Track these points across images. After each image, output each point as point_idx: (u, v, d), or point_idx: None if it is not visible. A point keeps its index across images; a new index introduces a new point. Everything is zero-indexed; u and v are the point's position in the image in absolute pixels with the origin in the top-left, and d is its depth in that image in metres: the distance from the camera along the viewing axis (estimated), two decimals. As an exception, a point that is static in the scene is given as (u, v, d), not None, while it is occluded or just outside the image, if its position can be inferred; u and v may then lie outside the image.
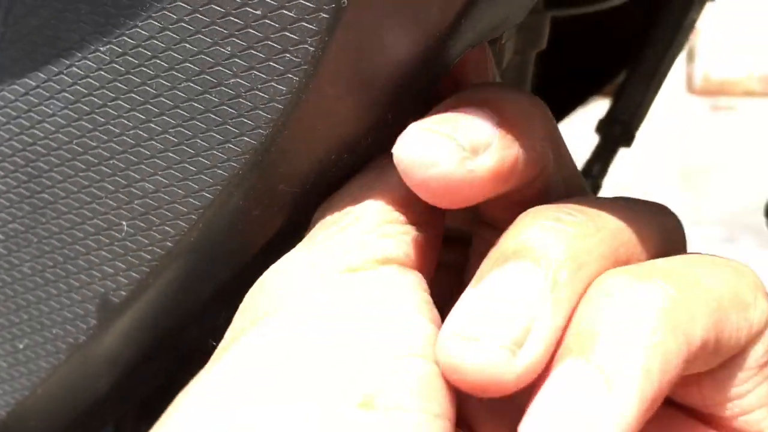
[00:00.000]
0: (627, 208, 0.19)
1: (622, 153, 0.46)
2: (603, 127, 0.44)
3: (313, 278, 0.18)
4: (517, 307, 0.16)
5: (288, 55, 0.19)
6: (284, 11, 0.19)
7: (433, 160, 0.18)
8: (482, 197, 0.19)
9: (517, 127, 0.19)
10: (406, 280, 0.19)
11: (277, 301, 0.18)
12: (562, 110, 0.46)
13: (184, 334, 0.25)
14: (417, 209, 0.20)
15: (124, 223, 0.23)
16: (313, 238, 0.20)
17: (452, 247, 0.23)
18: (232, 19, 0.19)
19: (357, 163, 0.21)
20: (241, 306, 0.20)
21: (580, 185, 0.22)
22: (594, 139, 0.45)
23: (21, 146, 0.24)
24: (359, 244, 0.19)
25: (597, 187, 0.45)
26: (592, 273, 0.17)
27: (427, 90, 0.20)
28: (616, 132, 0.43)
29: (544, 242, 0.17)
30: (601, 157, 0.44)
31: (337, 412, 0.16)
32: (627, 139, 0.43)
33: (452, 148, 0.18)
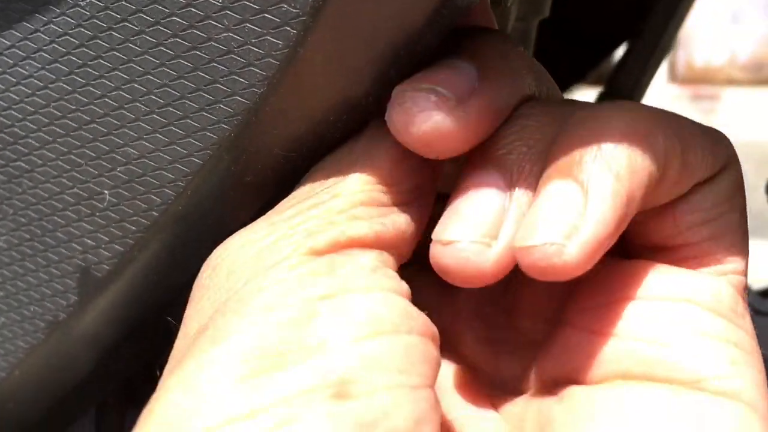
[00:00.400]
0: (594, 105, 0.21)
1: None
2: (602, 101, 0.43)
3: (272, 263, 0.18)
4: (488, 205, 0.19)
5: (285, 6, 0.17)
6: (280, -42, 0.17)
7: (426, 114, 0.18)
8: (478, 139, 0.19)
9: (497, 65, 0.20)
10: (365, 260, 0.18)
11: (237, 290, 0.18)
12: (561, 84, 0.45)
13: (170, 310, 0.24)
14: (402, 188, 0.19)
15: (106, 191, 0.22)
16: (281, 211, 0.19)
17: None
18: (224, -33, 0.18)
19: (356, 125, 0.20)
20: (200, 280, 0.19)
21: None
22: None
23: (-5, 111, 0.22)
24: (326, 225, 0.18)
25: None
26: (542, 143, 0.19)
27: (431, 46, 0.19)
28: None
29: (507, 143, 0.19)
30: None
31: (313, 410, 0.15)
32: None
33: (440, 99, 0.18)
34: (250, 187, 0.20)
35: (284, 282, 0.17)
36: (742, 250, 0.20)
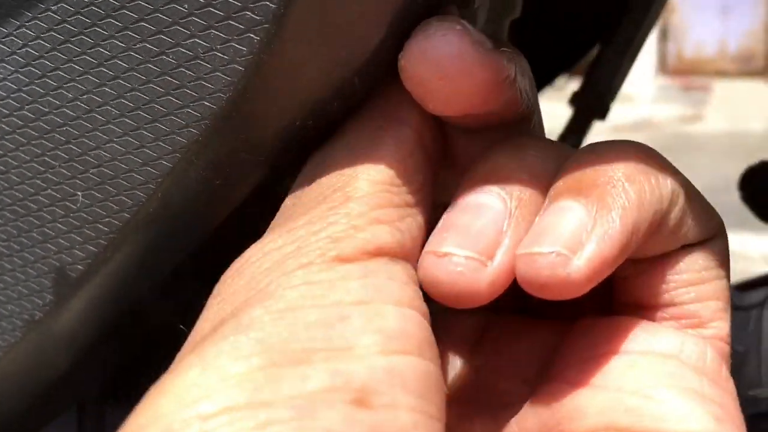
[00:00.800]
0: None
1: (598, 134, 0.46)
2: (577, 99, 0.44)
3: (298, 266, 0.17)
4: (487, 225, 0.18)
5: (248, 13, 0.18)
6: (244, -33, 0.18)
7: (452, 39, 0.18)
8: (493, 91, 0.19)
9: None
10: (397, 273, 0.18)
11: (260, 289, 0.17)
12: (537, 83, 0.46)
13: (146, 310, 0.24)
14: (410, 188, 0.19)
15: (79, 193, 0.22)
16: (294, 217, 0.19)
17: None
18: (189, -26, 0.18)
19: (323, 130, 0.20)
20: (216, 290, 0.19)
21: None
22: (568, 112, 0.44)
23: (-31, 113, 0.23)
24: (349, 229, 0.17)
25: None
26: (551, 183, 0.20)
27: (394, 54, 0.19)
28: (591, 104, 0.43)
29: (510, 168, 0.19)
30: (576, 129, 0.44)
31: (332, 410, 0.15)
32: (601, 111, 0.43)
33: (464, 30, 0.18)
34: (221, 191, 0.21)
35: (315, 283, 0.17)
36: (725, 317, 0.20)
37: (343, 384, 0.15)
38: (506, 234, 0.18)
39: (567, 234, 0.17)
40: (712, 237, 0.20)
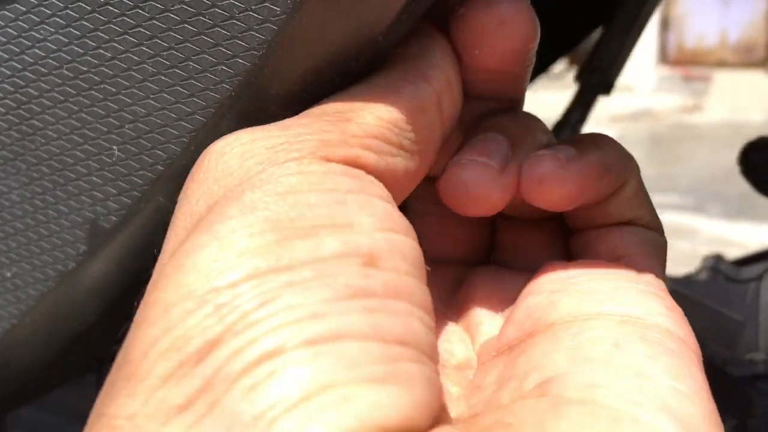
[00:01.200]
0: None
1: (597, 123, 0.47)
2: (582, 75, 0.45)
3: (288, 158, 0.18)
4: (497, 147, 0.23)
5: (282, -25, 0.19)
6: (278, -69, 0.19)
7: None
8: (527, 51, 0.23)
9: None
10: (374, 180, 0.19)
11: (252, 176, 0.18)
12: (543, 63, 0.47)
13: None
14: (411, 137, 0.20)
15: (114, 147, 0.23)
16: (295, 119, 0.20)
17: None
18: (226, -61, 0.19)
19: (348, 84, 0.21)
20: (204, 166, 0.19)
21: None
22: (564, 100, 0.45)
23: (10, 72, 0.24)
24: (340, 142, 0.19)
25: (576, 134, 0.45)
26: (539, 134, 0.25)
27: (417, 15, 0.21)
28: (595, 80, 0.44)
29: (505, 118, 0.25)
30: (581, 105, 0.45)
31: (348, 270, 0.16)
32: (606, 87, 0.44)
33: None
34: (249, 144, 0.22)
35: (308, 173, 0.18)
36: (663, 279, 0.23)
37: (353, 250, 0.17)
38: (511, 156, 0.23)
39: (562, 152, 0.23)
40: (659, 231, 0.25)
